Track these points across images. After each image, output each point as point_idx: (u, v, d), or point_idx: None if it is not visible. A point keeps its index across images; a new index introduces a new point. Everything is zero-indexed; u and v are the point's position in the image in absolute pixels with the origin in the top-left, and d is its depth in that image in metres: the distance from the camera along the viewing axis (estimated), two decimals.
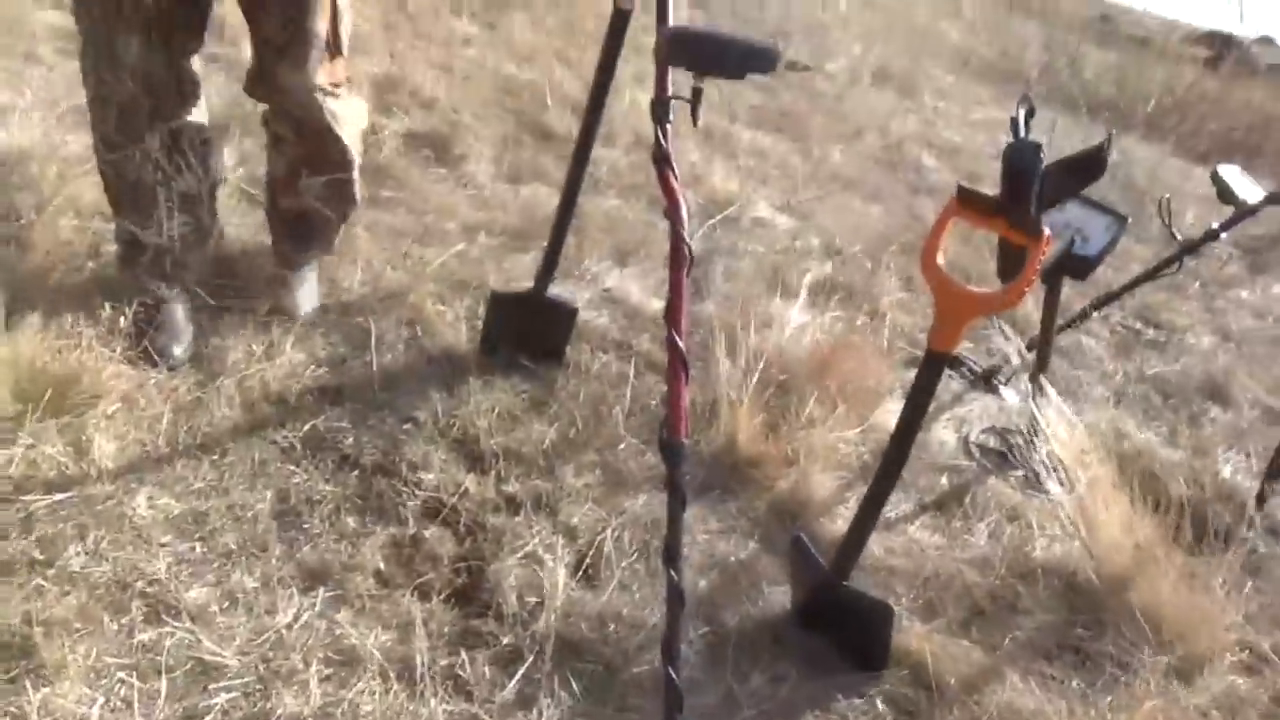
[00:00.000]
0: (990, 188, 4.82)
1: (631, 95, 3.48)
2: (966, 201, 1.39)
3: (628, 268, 2.65)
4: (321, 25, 1.71)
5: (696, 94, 1.39)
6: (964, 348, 2.70)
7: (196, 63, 1.79)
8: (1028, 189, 1.38)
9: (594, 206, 2.89)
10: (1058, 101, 7.28)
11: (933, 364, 1.41)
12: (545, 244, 2.08)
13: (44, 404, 1.59)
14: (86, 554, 1.43)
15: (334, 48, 1.77)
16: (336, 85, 1.81)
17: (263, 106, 1.89)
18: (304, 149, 1.86)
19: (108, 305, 1.79)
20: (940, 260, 1.42)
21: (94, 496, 1.53)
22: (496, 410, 1.95)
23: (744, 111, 4.40)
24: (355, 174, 1.96)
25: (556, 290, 2.15)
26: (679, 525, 1.29)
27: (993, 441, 2.34)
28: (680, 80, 1.51)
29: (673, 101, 1.44)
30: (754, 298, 2.67)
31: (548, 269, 2.06)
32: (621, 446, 1.96)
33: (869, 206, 3.80)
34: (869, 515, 1.51)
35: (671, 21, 1.47)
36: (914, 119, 5.31)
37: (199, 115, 1.81)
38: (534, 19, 5.01)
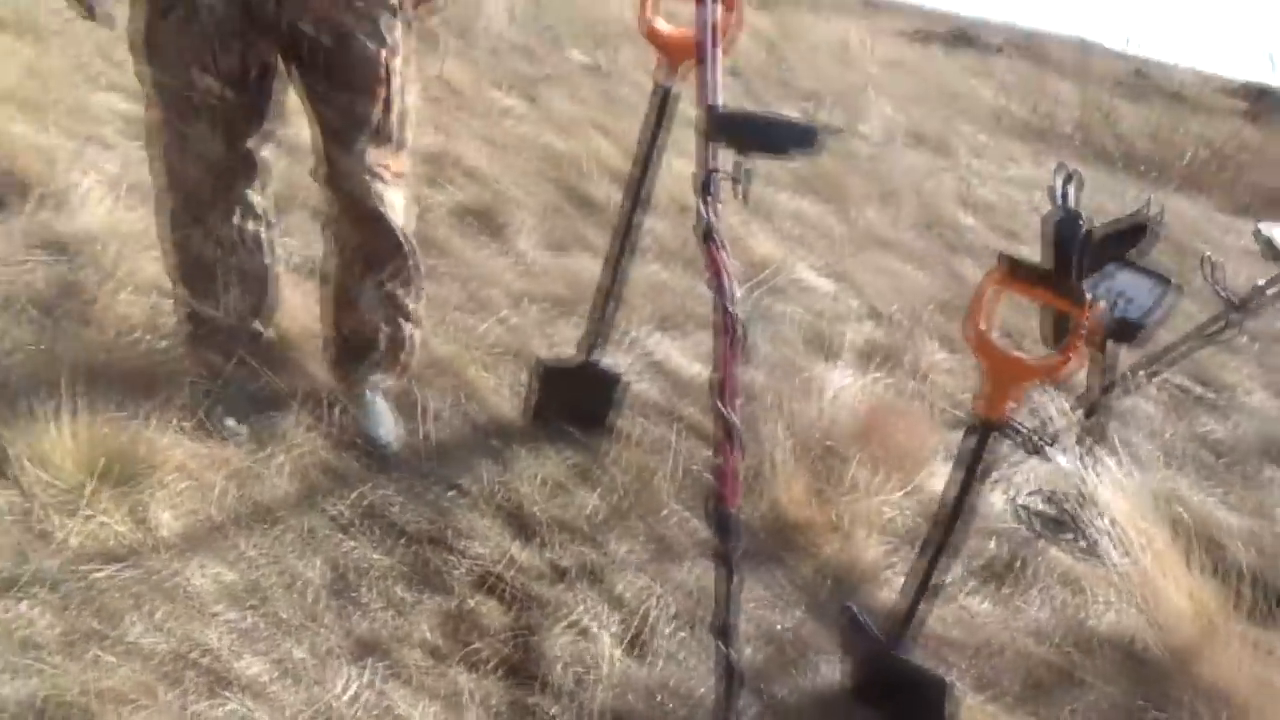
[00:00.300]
0: (1029, 246, 4.81)
1: (672, 164, 3.55)
2: (1010, 270, 1.39)
3: (670, 334, 2.68)
4: (379, 113, 1.76)
5: (740, 170, 1.41)
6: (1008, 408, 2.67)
7: (263, 147, 1.85)
8: (1070, 257, 1.39)
9: (636, 273, 2.92)
10: (1093, 157, 7.29)
11: (982, 431, 1.40)
12: (589, 312, 2.11)
13: (105, 475, 1.63)
14: (144, 625, 1.46)
15: (393, 137, 1.80)
16: (393, 173, 1.83)
17: (325, 210, 1.92)
18: (360, 238, 1.87)
19: (166, 379, 1.84)
20: (985, 327, 1.42)
21: (152, 567, 1.56)
22: (543, 479, 1.97)
23: (780, 175, 4.45)
24: (414, 260, 1.93)
25: (602, 359, 2.17)
26: (730, 598, 1.28)
27: (1043, 505, 2.30)
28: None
29: (718, 177, 1.47)
30: (796, 361, 2.68)
31: (593, 338, 2.09)
32: (668, 515, 1.96)
33: (907, 267, 3.81)
34: (922, 585, 1.49)
35: (715, 98, 1.51)
36: (949, 178, 5.34)
37: (261, 196, 1.88)
38: (572, 91, 5.15)
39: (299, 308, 2.28)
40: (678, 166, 3.54)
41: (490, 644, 1.58)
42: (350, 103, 1.74)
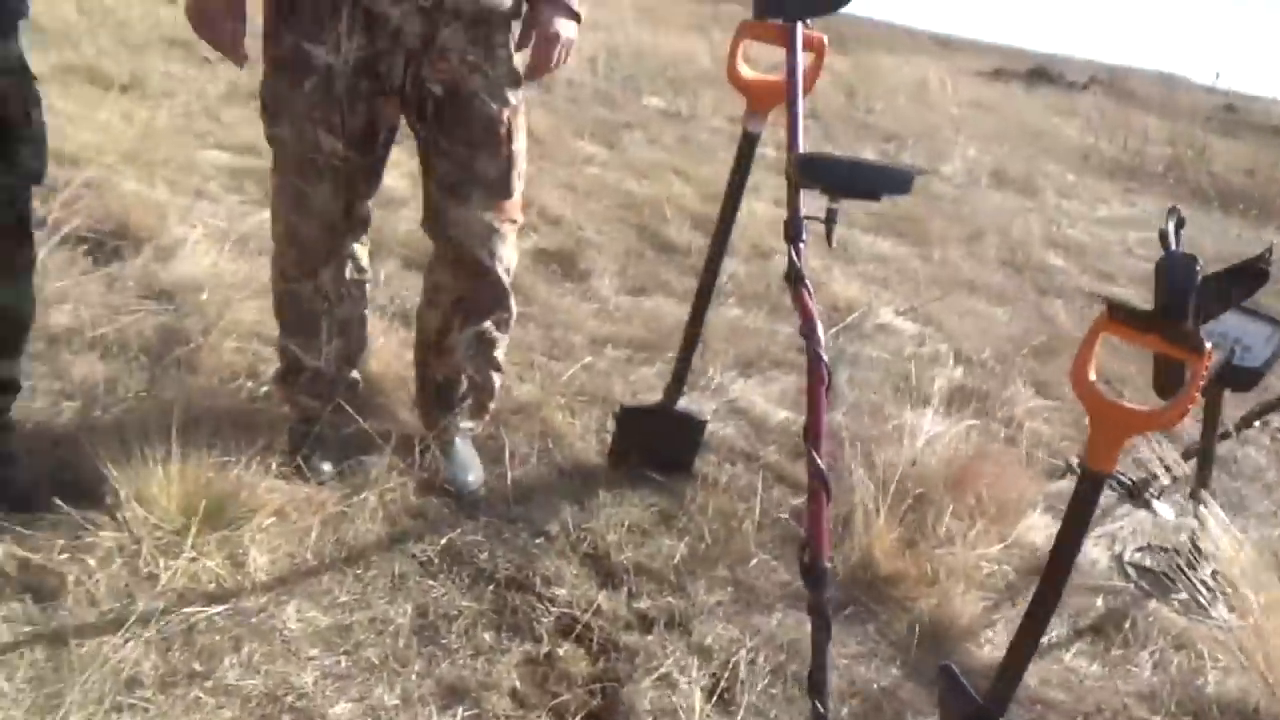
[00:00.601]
0: (1125, 288, 4.66)
1: (749, 206, 3.55)
2: (1117, 316, 1.34)
3: (751, 378, 2.65)
4: (496, 168, 1.79)
5: (831, 215, 1.40)
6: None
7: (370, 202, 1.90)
8: (1184, 303, 1.33)
9: (716, 316, 2.93)
10: (1188, 195, 7.05)
11: (1090, 484, 1.34)
12: (670, 355, 2.10)
13: (206, 517, 1.68)
14: (240, 666, 1.48)
15: (510, 191, 1.83)
16: (507, 221, 1.85)
17: (431, 259, 1.95)
18: (462, 289, 1.89)
19: (264, 423, 1.89)
20: (1092, 376, 1.36)
21: (248, 608, 1.58)
22: (627, 524, 1.95)
23: (861, 217, 4.41)
24: (511, 314, 1.95)
25: (684, 402, 2.16)
26: (824, 653, 1.24)
27: (1149, 560, 2.19)
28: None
29: (805, 222, 1.46)
30: (883, 407, 2.62)
31: (676, 382, 2.08)
32: (753, 562, 1.93)
33: (995, 310, 3.73)
34: (1025, 645, 1.42)
35: (801, 144, 1.50)
36: (1036, 219, 5.22)
37: (363, 247, 1.93)
38: (650, 137, 5.22)
39: (387, 351, 2.34)
40: (753, 209, 3.54)
41: (576, 694, 1.56)
42: (469, 158, 1.77)
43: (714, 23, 12.32)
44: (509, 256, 1.89)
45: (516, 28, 1.79)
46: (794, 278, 1.44)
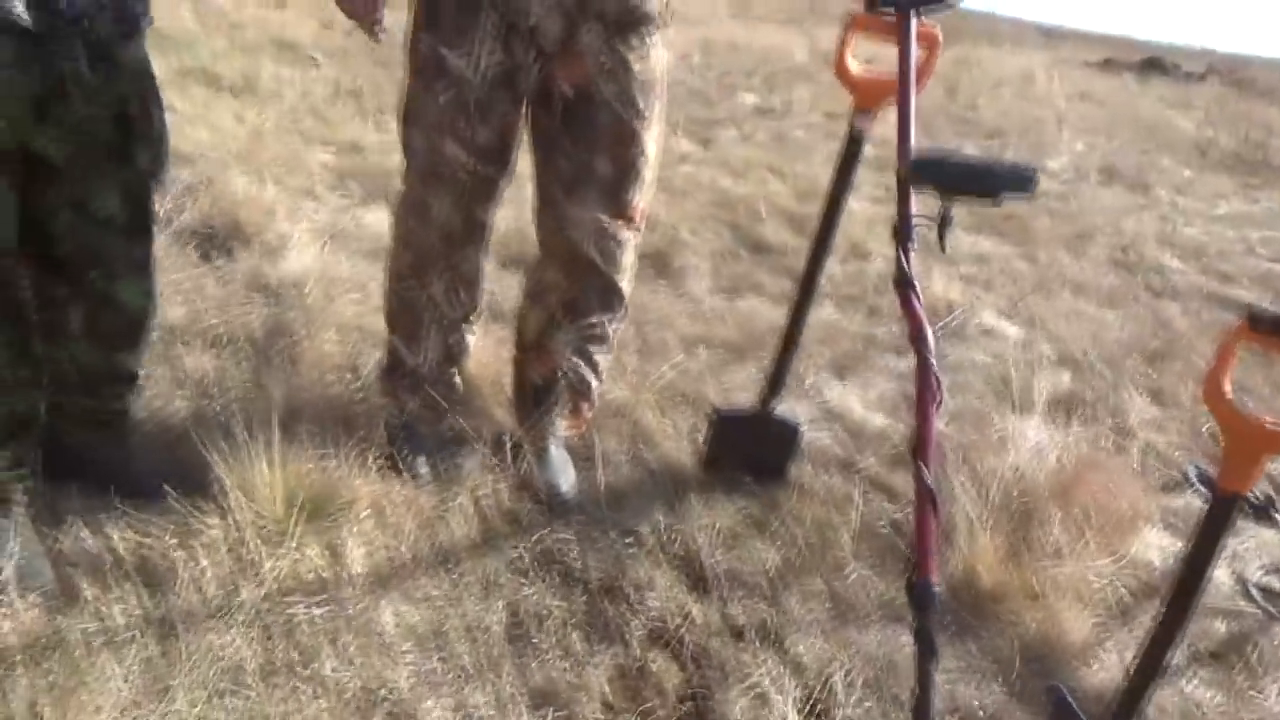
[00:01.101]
0: (1247, 289, 4.38)
1: (848, 205, 3.47)
2: (1260, 327, 1.24)
3: (847, 382, 2.59)
4: (616, 171, 1.76)
5: (945, 218, 1.34)
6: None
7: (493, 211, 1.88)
8: None
9: (812, 318, 2.83)
10: None
11: (1223, 505, 1.25)
12: (763, 357, 2.05)
13: (306, 510, 1.71)
14: (337, 660, 1.50)
15: (632, 199, 1.79)
16: (626, 227, 1.82)
17: (540, 257, 1.94)
18: (569, 287, 1.87)
19: (363, 418, 1.93)
20: (1228, 390, 1.27)
21: (345, 603, 1.61)
22: (719, 529, 1.92)
23: (963, 215, 4.26)
24: (619, 319, 1.92)
25: (778, 406, 2.11)
26: (930, 679, 1.19)
27: (1277, 583, 2.05)
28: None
29: (915, 225, 1.40)
30: (986, 413, 2.52)
31: (773, 388, 2.03)
32: (849, 573, 1.87)
33: (1105, 312, 3.55)
34: (1147, 671, 1.33)
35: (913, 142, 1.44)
36: (1150, 217, 4.97)
37: (480, 254, 1.91)
38: (744, 134, 5.16)
39: (484, 350, 2.35)
40: (851, 207, 3.46)
41: (666, 703, 1.54)
42: (591, 160, 1.75)
43: (810, 14, 12.15)
44: (626, 261, 1.86)
45: (658, 34, 1.75)
46: (903, 282, 1.38)
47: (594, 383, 1.99)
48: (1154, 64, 13.23)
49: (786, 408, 2.27)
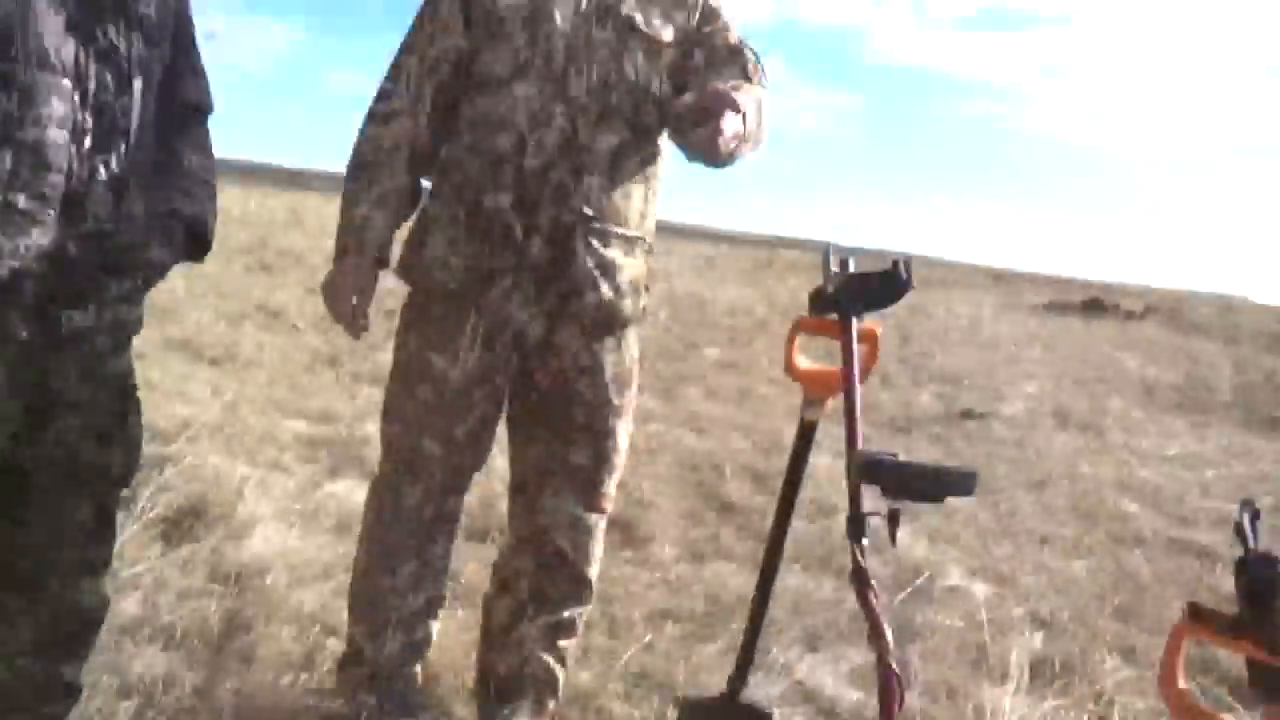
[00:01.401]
0: (1205, 534, 4.41)
1: (812, 460, 3.55)
2: (1199, 620, 1.27)
3: (819, 653, 2.54)
4: (589, 461, 1.83)
5: (893, 516, 1.39)
6: None
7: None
8: (1270, 604, 1.26)
9: (779, 584, 2.84)
10: (1259, 425, 6.87)
11: None
12: (733, 628, 2.03)
13: None
14: None
15: (602, 487, 1.85)
16: (596, 514, 1.86)
17: (507, 548, 1.96)
18: (540, 581, 1.87)
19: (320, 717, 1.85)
20: (1183, 682, 1.28)
21: None
22: None
23: (920, 457, 4.37)
24: (586, 607, 1.94)
25: (748, 687, 2.06)
26: None
27: None
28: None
29: (869, 519, 1.45)
30: (959, 685, 2.47)
31: (740, 672, 1.99)
32: None
33: (1071, 564, 3.57)
34: None
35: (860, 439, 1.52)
36: (1105, 460, 5.11)
37: (449, 544, 1.92)
38: (708, 389, 5.35)
39: (445, 635, 2.30)
40: (815, 462, 3.54)
41: None
42: (564, 450, 1.82)
43: (769, 269, 12.94)
44: (596, 552, 1.90)
45: (634, 334, 1.87)
46: (858, 579, 1.41)
47: (560, 675, 1.95)
48: (1096, 304, 14.07)
49: (757, 686, 2.21)
